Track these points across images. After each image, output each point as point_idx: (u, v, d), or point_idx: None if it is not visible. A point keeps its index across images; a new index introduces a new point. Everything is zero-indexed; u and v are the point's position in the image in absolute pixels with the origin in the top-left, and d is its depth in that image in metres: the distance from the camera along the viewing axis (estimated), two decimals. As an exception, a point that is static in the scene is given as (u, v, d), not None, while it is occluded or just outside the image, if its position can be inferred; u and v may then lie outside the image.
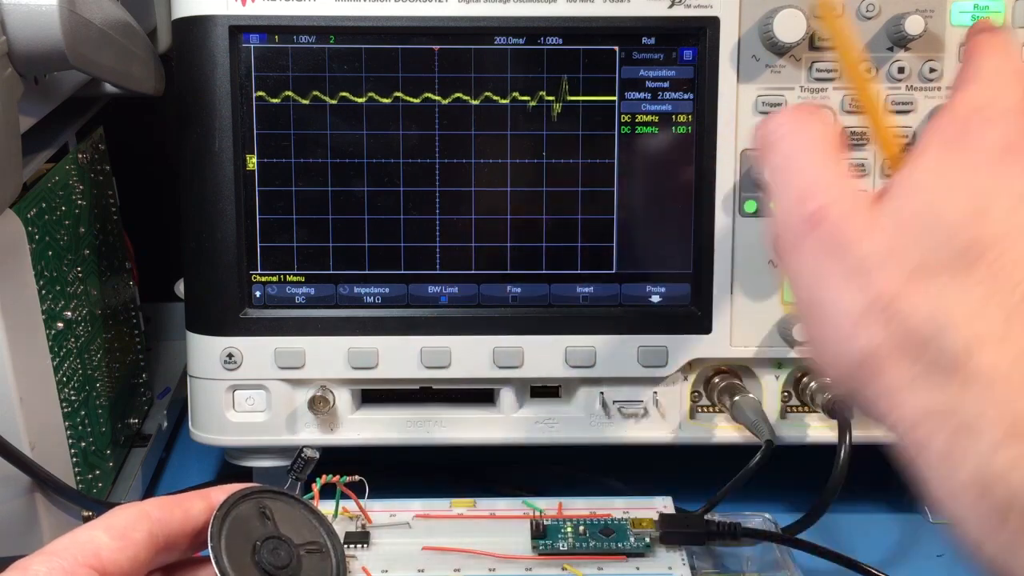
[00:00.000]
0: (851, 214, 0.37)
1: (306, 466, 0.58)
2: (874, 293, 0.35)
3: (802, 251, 0.37)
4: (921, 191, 0.36)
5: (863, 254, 0.36)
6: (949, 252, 0.35)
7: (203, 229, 0.63)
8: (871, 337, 0.35)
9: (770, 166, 0.40)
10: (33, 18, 0.51)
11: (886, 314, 0.35)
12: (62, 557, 0.40)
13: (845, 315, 0.36)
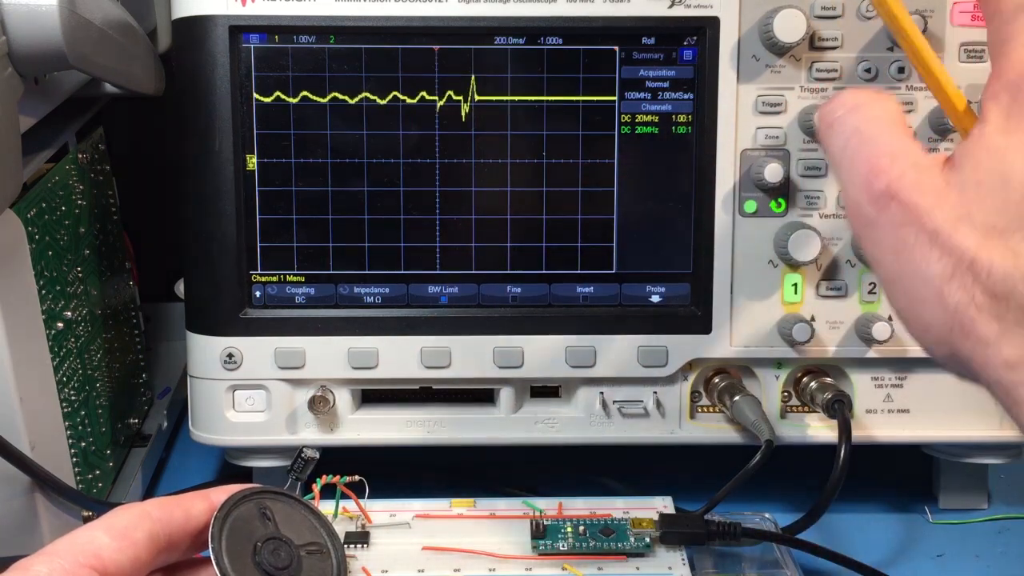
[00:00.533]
0: (921, 184, 0.38)
1: (306, 466, 0.58)
2: (956, 257, 0.36)
3: (879, 228, 0.38)
4: (987, 155, 0.37)
5: (939, 222, 0.37)
6: (1019, 210, 0.36)
7: (203, 229, 0.63)
8: (958, 299, 0.36)
9: (835, 147, 0.40)
10: (33, 18, 0.51)
11: (969, 275, 0.36)
12: (63, 557, 0.40)
13: (930, 282, 0.37)
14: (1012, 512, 0.70)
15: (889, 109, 0.40)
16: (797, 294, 0.63)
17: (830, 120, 0.40)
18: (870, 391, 0.65)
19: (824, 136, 0.41)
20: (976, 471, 0.69)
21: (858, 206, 0.39)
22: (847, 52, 0.62)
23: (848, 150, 0.39)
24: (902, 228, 0.37)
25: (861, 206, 0.39)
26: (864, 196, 0.38)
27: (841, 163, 0.40)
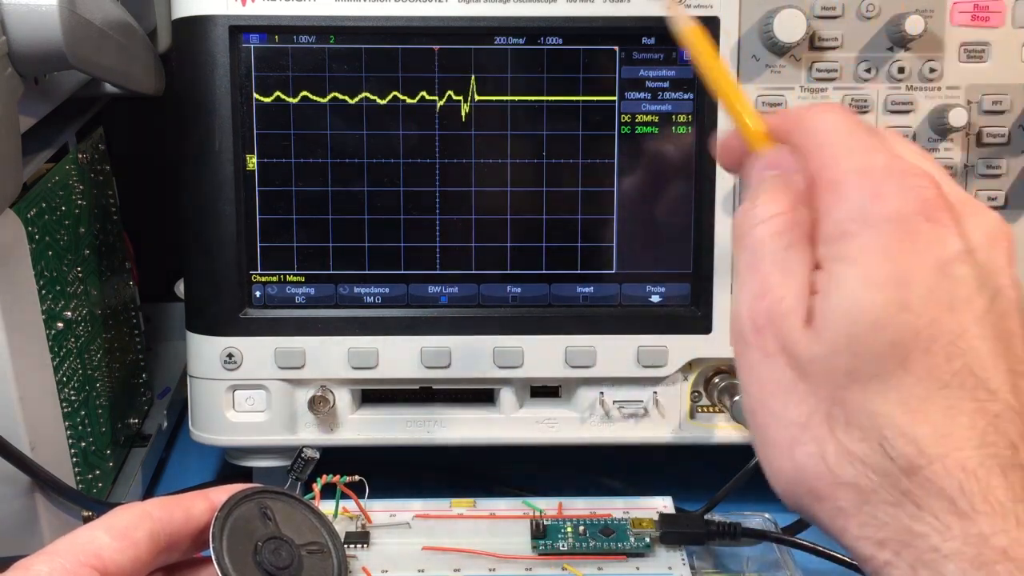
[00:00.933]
0: (796, 316, 0.35)
1: (306, 466, 0.58)
2: (814, 401, 0.34)
3: (751, 352, 0.36)
4: (845, 291, 0.34)
5: (805, 359, 0.34)
6: (878, 353, 0.33)
7: (203, 229, 0.63)
8: (814, 451, 0.34)
9: (739, 262, 0.38)
10: (33, 18, 0.51)
11: (827, 425, 0.34)
12: (64, 557, 0.40)
13: (790, 424, 0.34)
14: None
15: (791, 221, 0.36)
16: (797, 294, 0.63)
17: (738, 233, 0.38)
18: (870, 391, 0.65)
19: (734, 249, 0.38)
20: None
21: (739, 324, 0.36)
22: (847, 52, 0.62)
23: (743, 268, 0.37)
24: (771, 358, 0.35)
25: (742, 325, 0.36)
26: (745, 316, 0.36)
27: (738, 278, 0.37)
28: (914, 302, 0.33)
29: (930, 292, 0.33)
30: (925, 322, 0.33)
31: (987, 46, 0.62)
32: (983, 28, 0.62)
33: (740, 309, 0.36)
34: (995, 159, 0.62)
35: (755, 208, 0.37)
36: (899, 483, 0.32)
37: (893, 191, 0.34)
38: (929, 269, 0.33)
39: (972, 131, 0.62)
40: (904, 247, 0.34)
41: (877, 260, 0.34)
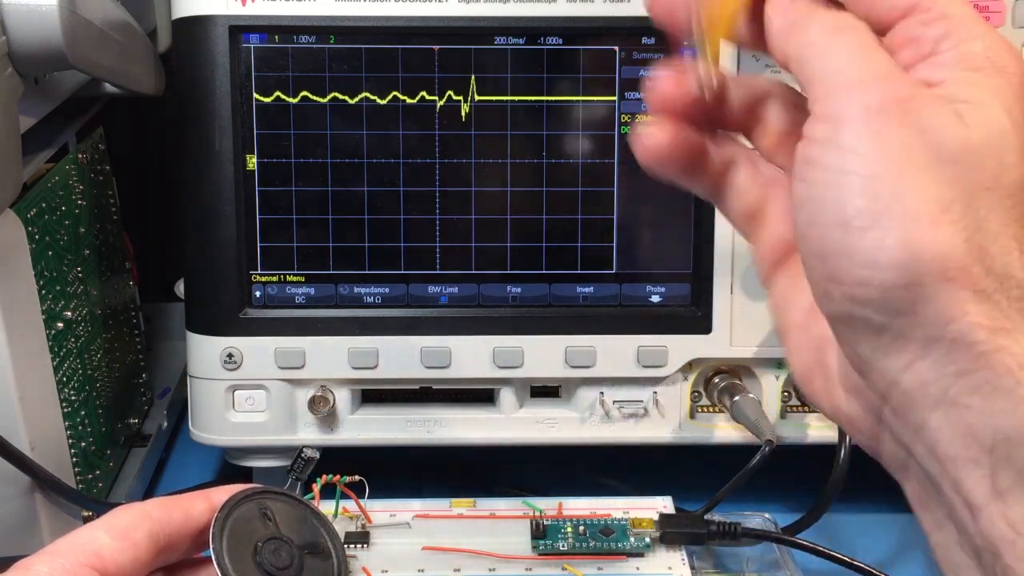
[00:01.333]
0: (941, 101, 0.33)
1: (306, 466, 0.58)
2: (959, 189, 0.32)
3: (889, 121, 0.32)
4: (979, 109, 0.33)
5: (956, 148, 0.32)
6: (1020, 176, 0.32)
7: (203, 229, 0.63)
8: (962, 231, 0.31)
9: (840, 43, 0.34)
10: (33, 18, 0.51)
11: (972, 217, 0.32)
12: (64, 557, 0.40)
13: (931, 200, 0.32)
14: (1012, 512, 0.70)
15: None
16: (797, 294, 0.63)
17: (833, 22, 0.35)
18: (870, 391, 0.65)
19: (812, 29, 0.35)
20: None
21: (871, 88, 0.33)
22: (847, 52, 0.61)
23: (857, 49, 0.34)
24: (914, 136, 0.32)
25: (865, 96, 0.33)
26: (876, 92, 0.33)
27: (843, 55, 0.34)
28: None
29: None
30: None
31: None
32: (983, 28, 0.62)
33: (866, 76, 0.33)
34: (995, 159, 0.62)
35: (832, 10, 0.35)
36: (1016, 297, 0.32)
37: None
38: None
39: (972, 131, 0.62)
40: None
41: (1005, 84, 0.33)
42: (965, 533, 0.32)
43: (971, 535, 0.32)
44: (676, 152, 0.39)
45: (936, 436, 0.32)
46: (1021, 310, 0.31)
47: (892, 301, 0.32)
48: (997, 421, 0.31)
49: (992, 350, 0.31)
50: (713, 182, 0.41)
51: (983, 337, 0.31)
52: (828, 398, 0.38)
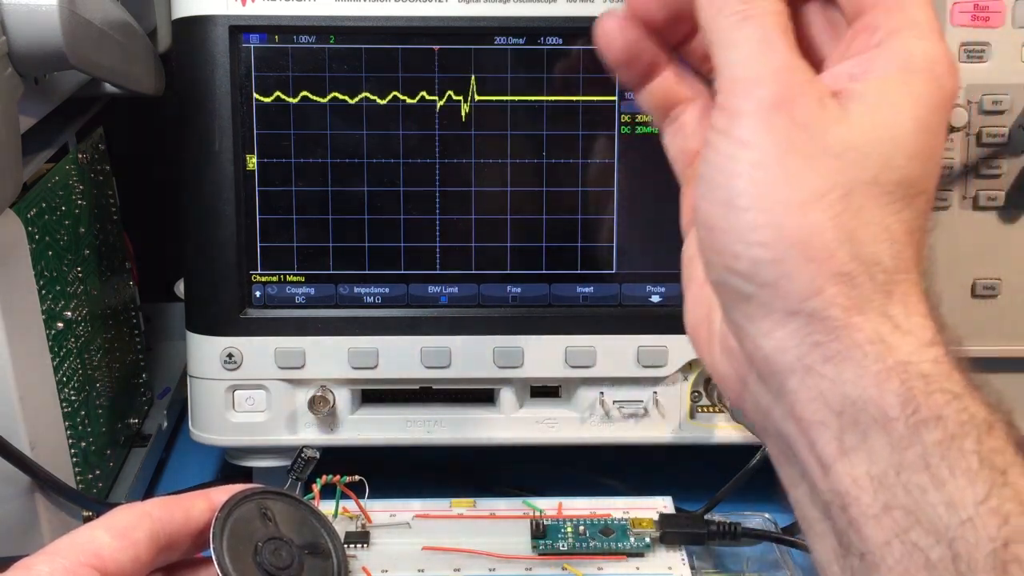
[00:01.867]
0: (827, 101, 0.36)
1: (306, 466, 0.58)
2: (837, 179, 0.35)
3: (777, 115, 0.35)
4: (880, 110, 0.35)
5: (837, 141, 0.35)
6: (906, 178, 0.35)
7: (203, 229, 0.63)
8: (831, 216, 0.34)
9: (745, 34, 0.37)
10: (33, 18, 0.51)
11: (844, 205, 0.34)
12: (64, 557, 0.40)
13: (806, 187, 0.34)
14: (1012, 512, 0.70)
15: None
16: (797, 294, 0.63)
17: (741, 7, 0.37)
18: (870, 391, 0.65)
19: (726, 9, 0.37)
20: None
21: (761, 84, 0.36)
22: (847, 52, 0.61)
23: (761, 37, 0.36)
24: (799, 126, 0.35)
25: (765, 84, 0.35)
26: (769, 83, 0.35)
27: (747, 41, 0.36)
28: (938, 149, 0.36)
29: (940, 144, 0.36)
30: (936, 171, 0.36)
31: (987, 46, 0.62)
32: (983, 28, 0.62)
33: (762, 72, 0.36)
34: (995, 159, 0.62)
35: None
36: (880, 282, 0.35)
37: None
38: (944, 123, 0.37)
39: (972, 131, 0.62)
40: (947, 100, 0.36)
41: (930, 91, 0.36)
42: (816, 490, 0.34)
43: (821, 491, 0.34)
44: (624, 48, 0.42)
45: (793, 399, 0.35)
46: (885, 293, 0.34)
47: (759, 275, 0.35)
48: (845, 389, 0.33)
49: (844, 326, 0.34)
50: (662, 106, 0.44)
51: (837, 314, 0.34)
52: (708, 353, 0.41)
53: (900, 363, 0.34)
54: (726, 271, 0.36)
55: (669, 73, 0.43)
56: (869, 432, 0.33)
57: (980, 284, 0.63)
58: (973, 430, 0.33)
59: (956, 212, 0.63)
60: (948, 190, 0.63)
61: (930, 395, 0.33)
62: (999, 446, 0.33)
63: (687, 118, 0.43)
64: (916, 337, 0.35)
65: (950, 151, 0.62)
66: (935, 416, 0.33)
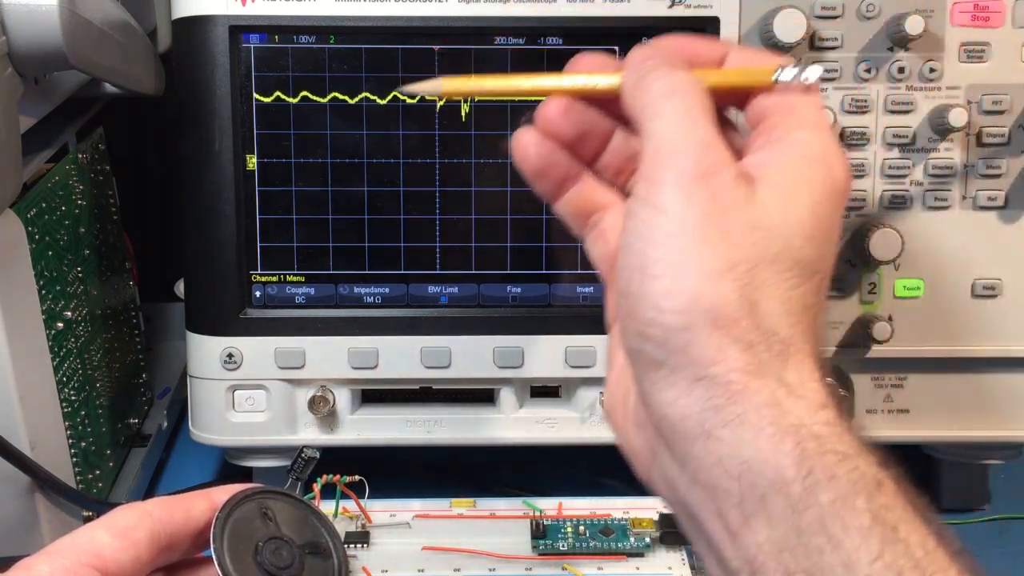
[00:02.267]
0: (741, 181, 0.38)
1: (306, 466, 0.58)
2: (745, 252, 0.37)
3: (700, 188, 0.37)
4: (783, 195, 0.38)
5: (748, 220, 0.37)
6: (803, 258, 0.38)
7: (203, 229, 0.63)
8: (740, 287, 0.36)
9: (671, 107, 0.39)
10: (33, 18, 0.51)
11: (751, 277, 0.37)
12: (64, 557, 0.40)
13: (720, 257, 0.37)
14: (1012, 512, 0.70)
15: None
16: (797, 294, 0.63)
17: (664, 79, 0.40)
18: (870, 391, 0.65)
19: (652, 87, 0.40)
20: (976, 471, 0.69)
21: (680, 156, 0.38)
22: (847, 52, 0.62)
23: (684, 116, 0.39)
24: (713, 202, 0.37)
25: (684, 158, 0.38)
26: (691, 159, 0.38)
27: (671, 119, 0.39)
28: (832, 235, 0.39)
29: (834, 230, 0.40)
30: (831, 255, 0.39)
31: (987, 46, 0.62)
32: (983, 28, 0.62)
33: (686, 144, 0.38)
34: (995, 159, 0.62)
35: (675, 70, 0.40)
36: (777, 351, 0.37)
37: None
38: (838, 212, 0.40)
39: (972, 131, 0.62)
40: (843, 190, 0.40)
41: (824, 179, 0.39)
42: (723, 560, 0.36)
43: (729, 560, 0.35)
44: (539, 161, 0.45)
45: (697, 465, 0.36)
46: (781, 360, 0.36)
47: (671, 341, 0.37)
48: (743, 451, 0.35)
49: (743, 390, 0.35)
50: (580, 214, 0.46)
51: (737, 378, 0.36)
52: (623, 430, 0.43)
53: (794, 425, 0.35)
54: (640, 338, 0.38)
55: (585, 183, 0.45)
56: (767, 496, 0.34)
57: (980, 284, 0.63)
58: (864, 488, 0.34)
59: (956, 212, 0.63)
60: (948, 190, 0.63)
61: (823, 455, 0.34)
62: (889, 502, 0.34)
63: (606, 223, 0.45)
64: (808, 401, 0.36)
65: (950, 151, 0.62)
66: (828, 476, 0.34)
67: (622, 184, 0.45)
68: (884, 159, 0.62)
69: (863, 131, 0.62)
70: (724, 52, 0.43)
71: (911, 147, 0.62)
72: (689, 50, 0.43)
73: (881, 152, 0.62)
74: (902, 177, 0.63)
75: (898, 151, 0.62)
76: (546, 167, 0.45)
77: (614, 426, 0.44)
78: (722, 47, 0.44)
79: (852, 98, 0.62)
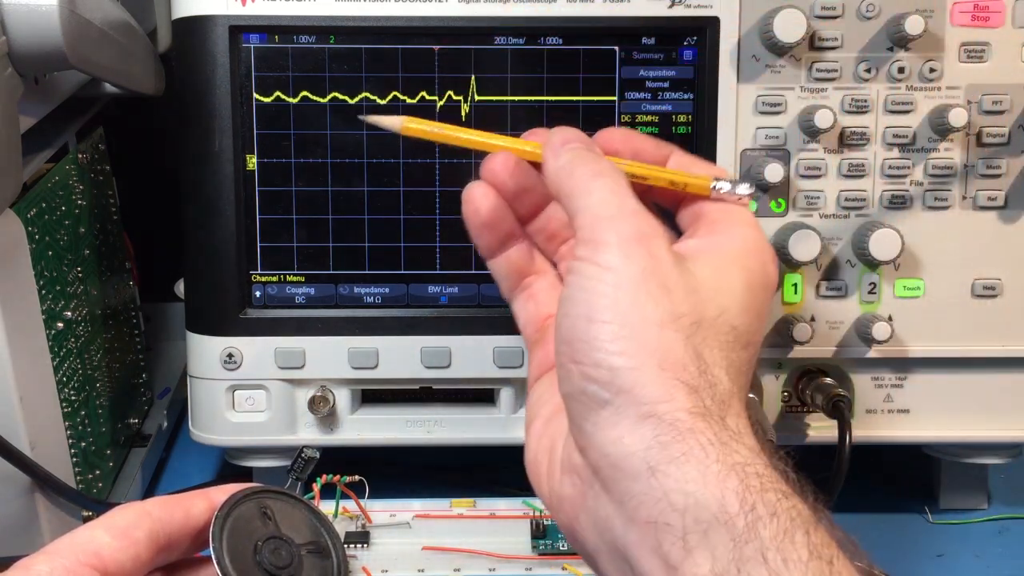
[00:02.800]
0: (675, 252, 0.43)
1: (306, 466, 0.58)
2: (684, 309, 0.40)
3: (640, 250, 0.41)
4: (719, 272, 0.43)
5: (684, 281, 0.41)
6: (739, 326, 0.42)
7: (203, 229, 0.63)
8: (682, 337, 0.39)
9: (600, 185, 0.43)
10: (33, 18, 0.51)
11: (688, 332, 0.40)
12: (64, 556, 0.39)
13: (662, 311, 0.40)
14: (1012, 512, 0.70)
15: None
16: (797, 294, 0.63)
17: (587, 162, 0.45)
18: (870, 391, 0.65)
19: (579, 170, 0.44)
20: (976, 471, 0.69)
21: (620, 222, 0.42)
22: (847, 52, 0.62)
23: (613, 192, 0.43)
24: (652, 261, 0.41)
25: (624, 224, 0.42)
26: (630, 225, 0.42)
27: (604, 199, 0.43)
28: (762, 314, 0.44)
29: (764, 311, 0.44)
30: (761, 331, 0.44)
31: (987, 46, 0.62)
32: (983, 28, 0.62)
33: (622, 212, 0.42)
34: (995, 159, 0.62)
35: (598, 156, 0.45)
36: (719, 399, 0.40)
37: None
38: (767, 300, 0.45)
39: (972, 131, 0.62)
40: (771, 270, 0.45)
41: (755, 268, 0.44)
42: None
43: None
44: (488, 213, 0.49)
45: (637, 503, 0.37)
46: (723, 407, 0.39)
47: (616, 381, 0.39)
48: (688, 487, 0.36)
49: (689, 429, 0.38)
50: (514, 274, 0.50)
51: (684, 417, 0.38)
52: (548, 481, 0.44)
53: (739, 464, 0.37)
54: (584, 379, 0.40)
55: (523, 245, 0.50)
56: (711, 530, 0.36)
57: (980, 284, 0.63)
58: (802, 525, 0.36)
59: (956, 212, 0.63)
60: (948, 190, 0.63)
61: (765, 492, 0.37)
62: (824, 540, 0.36)
63: (537, 288, 0.50)
64: (748, 446, 0.39)
65: (950, 151, 0.62)
66: (771, 513, 0.36)
67: (553, 251, 0.50)
68: (884, 159, 0.62)
69: (863, 131, 0.62)
70: (668, 153, 0.49)
71: (911, 147, 0.62)
72: (635, 144, 0.48)
73: (881, 152, 0.62)
74: (902, 177, 0.63)
75: (898, 151, 0.62)
76: (494, 221, 0.49)
77: (537, 478, 0.46)
78: (667, 148, 0.49)
79: (852, 98, 0.62)
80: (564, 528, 0.43)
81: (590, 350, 0.40)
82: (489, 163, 0.48)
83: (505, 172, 0.48)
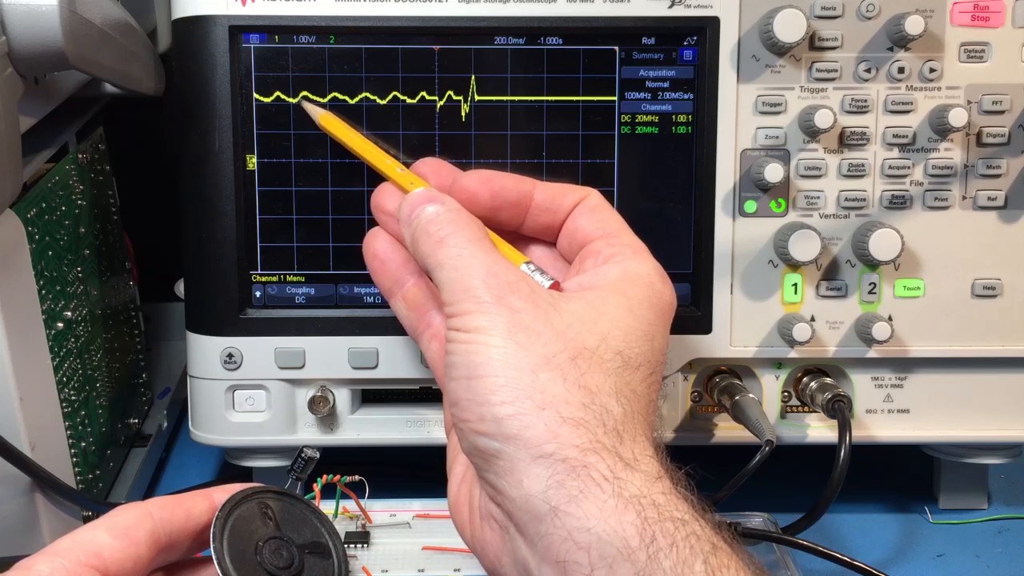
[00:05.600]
0: (541, 290, 0.45)
1: (306, 466, 0.58)
2: (559, 346, 0.42)
3: (508, 300, 0.43)
4: (598, 301, 0.45)
5: (557, 319, 0.43)
6: (624, 350, 0.44)
7: (203, 229, 0.63)
8: (560, 377, 0.41)
9: (445, 253, 0.46)
10: (33, 18, 0.51)
11: (566, 368, 0.41)
12: (64, 557, 0.40)
13: (538, 354, 0.41)
14: (1012, 512, 0.70)
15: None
16: (797, 294, 0.63)
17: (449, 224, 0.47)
18: (870, 391, 0.65)
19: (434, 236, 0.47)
20: (976, 471, 0.69)
21: (479, 278, 0.44)
22: (847, 52, 0.62)
23: (473, 242, 0.46)
24: (532, 302, 0.43)
25: (483, 280, 0.44)
26: (490, 274, 0.44)
27: (461, 255, 0.45)
28: (655, 337, 0.46)
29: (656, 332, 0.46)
30: (656, 353, 0.46)
31: (987, 46, 0.62)
32: (983, 28, 0.62)
33: (473, 283, 0.44)
34: (995, 159, 0.62)
35: (456, 211, 0.49)
36: (611, 428, 0.41)
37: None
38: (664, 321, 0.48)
39: (972, 131, 0.62)
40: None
41: (642, 295, 0.46)
42: None
43: None
44: (385, 254, 0.54)
45: (547, 543, 0.38)
46: (616, 436, 0.40)
47: (503, 429, 0.40)
48: (589, 523, 0.38)
49: (582, 465, 0.39)
50: (415, 309, 0.53)
51: (574, 455, 0.39)
52: (470, 525, 0.46)
53: (635, 496, 0.38)
54: (475, 434, 0.42)
55: (423, 280, 0.53)
56: (616, 564, 0.37)
57: (980, 284, 0.63)
58: (700, 553, 0.37)
59: (956, 212, 0.63)
60: (948, 190, 0.63)
61: (662, 523, 0.38)
62: (724, 562, 0.38)
63: (439, 323, 0.51)
64: (645, 473, 0.40)
65: (950, 151, 0.62)
66: (670, 544, 0.37)
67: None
68: (884, 159, 0.62)
69: (863, 131, 0.62)
70: (531, 188, 0.52)
71: (911, 147, 0.62)
72: (494, 185, 0.52)
73: (881, 152, 0.62)
74: (902, 177, 0.63)
75: (898, 151, 0.62)
76: (388, 257, 0.53)
77: (461, 524, 0.47)
78: (528, 184, 0.52)
79: (852, 98, 0.62)
80: (489, 571, 0.45)
81: (475, 406, 0.42)
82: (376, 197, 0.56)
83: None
